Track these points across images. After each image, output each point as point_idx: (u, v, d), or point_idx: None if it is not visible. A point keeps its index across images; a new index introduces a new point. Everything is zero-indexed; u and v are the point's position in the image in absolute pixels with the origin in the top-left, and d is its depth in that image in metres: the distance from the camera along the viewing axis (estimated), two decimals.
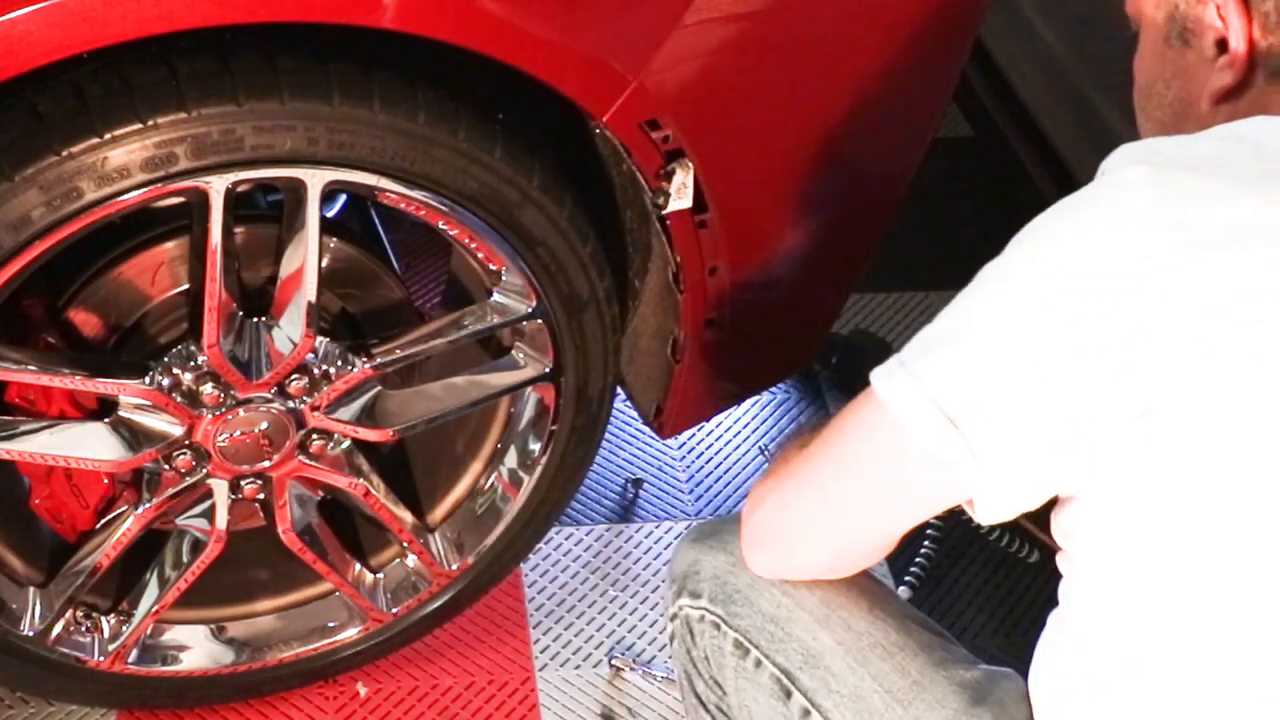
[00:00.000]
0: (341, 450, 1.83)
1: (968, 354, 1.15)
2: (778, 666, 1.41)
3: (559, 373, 1.83)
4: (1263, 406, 1.09)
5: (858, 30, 1.69)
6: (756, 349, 1.94)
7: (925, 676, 1.37)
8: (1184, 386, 1.08)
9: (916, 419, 1.16)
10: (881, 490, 1.25)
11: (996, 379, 1.13)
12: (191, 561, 1.83)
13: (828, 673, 1.38)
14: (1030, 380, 1.12)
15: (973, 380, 1.14)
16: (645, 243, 1.82)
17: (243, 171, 1.52)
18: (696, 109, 1.62)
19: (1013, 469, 1.15)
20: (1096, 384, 1.10)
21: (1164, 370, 1.08)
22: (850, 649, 1.38)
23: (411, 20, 1.44)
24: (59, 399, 1.71)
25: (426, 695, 2.10)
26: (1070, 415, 1.11)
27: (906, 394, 1.17)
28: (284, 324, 1.67)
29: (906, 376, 1.17)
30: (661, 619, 2.23)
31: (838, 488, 1.28)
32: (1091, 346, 1.09)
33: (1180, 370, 1.08)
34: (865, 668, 1.38)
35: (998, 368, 1.13)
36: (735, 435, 2.54)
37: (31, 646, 1.80)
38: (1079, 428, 1.11)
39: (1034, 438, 1.13)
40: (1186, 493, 1.11)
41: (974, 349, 1.14)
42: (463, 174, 1.60)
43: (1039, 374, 1.11)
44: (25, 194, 1.46)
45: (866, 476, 1.25)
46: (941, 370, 1.15)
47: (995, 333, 1.13)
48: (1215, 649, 1.16)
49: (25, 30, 1.34)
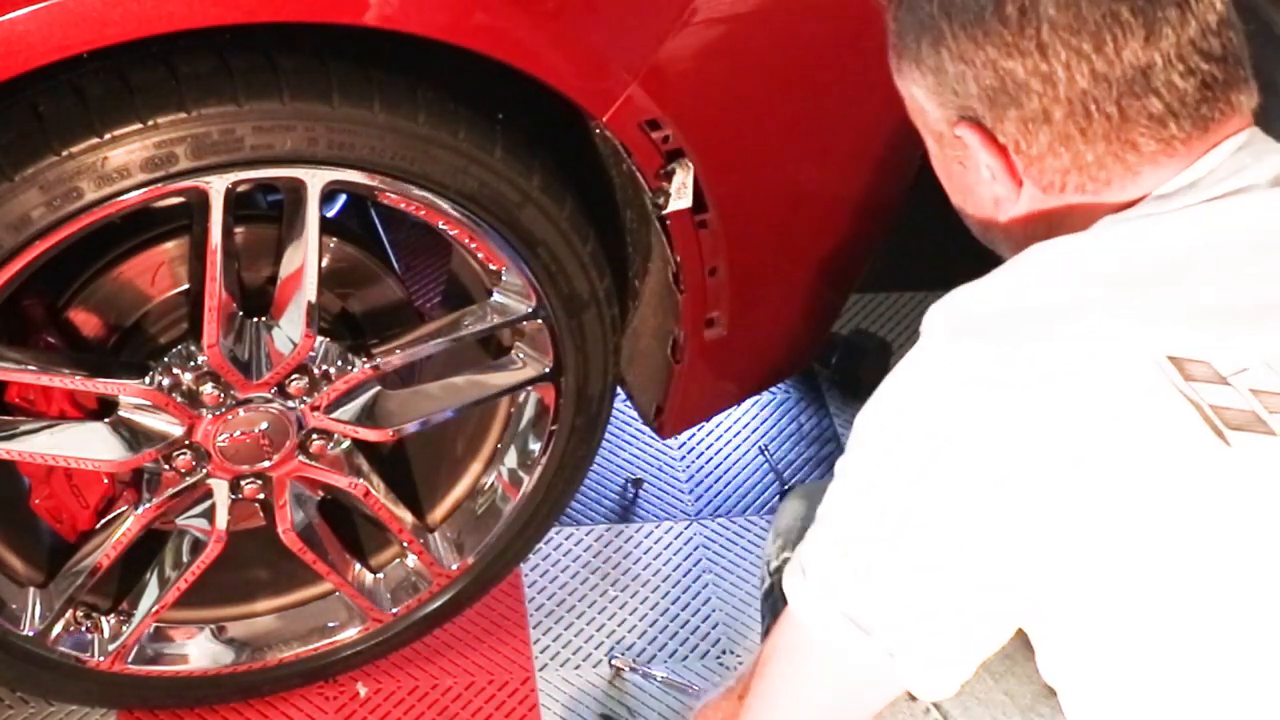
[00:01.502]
0: (341, 450, 1.83)
1: (856, 558, 1.18)
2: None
3: (559, 373, 1.83)
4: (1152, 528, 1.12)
5: (858, 30, 1.69)
6: (756, 349, 1.94)
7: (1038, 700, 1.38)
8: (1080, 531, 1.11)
9: (833, 633, 1.19)
10: (827, 698, 1.27)
11: (886, 576, 1.17)
12: (191, 561, 1.83)
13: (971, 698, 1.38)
14: (914, 568, 1.15)
15: (870, 583, 1.17)
16: (645, 243, 1.82)
17: (243, 171, 1.52)
18: (696, 109, 1.62)
19: (930, 656, 1.19)
20: (993, 557, 1.13)
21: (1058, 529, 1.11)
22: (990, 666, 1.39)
23: (395, 18, 1.44)
24: (59, 399, 1.71)
25: (426, 695, 2.10)
26: (957, 585, 1.15)
27: (819, 610, 1.20)
28: (284, 324, 1.67)
29: (812, 590, 1.20)
30: (662, 619, 2.24)
31: (787, 706, 1.30)
32: (976, 522, 1.12)
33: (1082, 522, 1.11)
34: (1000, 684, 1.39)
35: (886, 566, 1.16)
36: (735, 435, 2.54)
37: (31, 646, 1.80)
38: (969, 594, 1.15)
39: (936, 622, 1.17)
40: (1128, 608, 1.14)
41: (860, 551, 1.17)
42: (463, 174, 1.61)
43: (920, 561, 1.15)
44: (25, 194, 1.46)
45: (810, 692, 1.28)
46: (839, 578, 1.19)
47: (869, 529, 1.17)
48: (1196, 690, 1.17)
49: (25, 30, 1.34)
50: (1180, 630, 1.13)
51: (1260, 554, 1.10)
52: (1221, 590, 1.11)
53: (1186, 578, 1.11)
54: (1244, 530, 1.10)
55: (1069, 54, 1.16)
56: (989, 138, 1.22)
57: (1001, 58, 1.18)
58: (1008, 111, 1.19)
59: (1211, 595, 1.11)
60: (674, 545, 2.35)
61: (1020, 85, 1.18)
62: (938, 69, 1.23)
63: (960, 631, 1.18)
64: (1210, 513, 1.10)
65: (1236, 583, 1.11)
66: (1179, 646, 1.14)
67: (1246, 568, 1.10)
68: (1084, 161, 1.19)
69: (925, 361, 1.15)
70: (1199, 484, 1.09)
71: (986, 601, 1.16)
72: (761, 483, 2.47)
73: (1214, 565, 1.10)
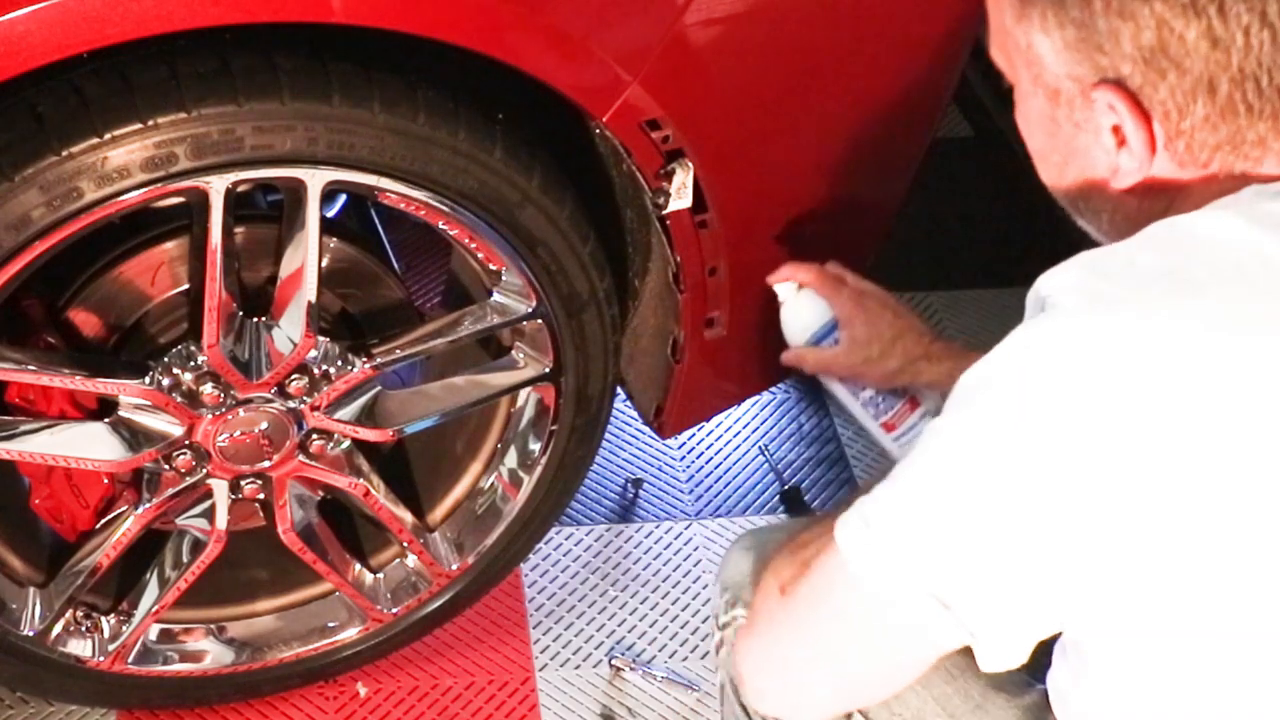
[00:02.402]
0: (341, 450, 1.83)
1: (945, 529, 1.07)
2: None
3: (559, 373, 1.82)
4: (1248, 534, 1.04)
5: (858, 30, 1.69)
6: (756, 349, 1.94)
7: (987, 699, 1.35)
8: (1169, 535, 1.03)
9: (905, 602, 1.09)
10: (874, 654, 1.16)
11: (983, 558, 1.07)
12: (191, 561, 1.83)
13: (892, 695, 1.33)
14: (1015, 554, 1.06)
15: (961, 562, 1.07)
16: (645, 243, 1.82)
17: (243, 171, 1.52)
18: (696, 109, 1.62)
19: (1014, 633, 1.10)
20: (1076, 546, 1.04)
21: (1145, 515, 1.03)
22: None
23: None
24: (59, 399, 1.71)
25: (426, 695, 2.10)
26: (1060, 577, 1.06)
27: (890, 575, 1.10)
28: (284, 324, 1.66)
29: (884, 553, 1.10)
30: (662, 619, 2.24)
31: (827, 652, 1.19)
32: (1068, 506, 1.03)
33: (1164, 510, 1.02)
34: (928, 690, 1.34)
35: (982, 546, 1.06)
36: (735, 435, 2.54)
37: (31, 646, 1.80)
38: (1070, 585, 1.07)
39: (1030, 605, 1.08)
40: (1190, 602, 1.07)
41: (950, 523, 1.07)
42: (463, 174, 1.60)
43: (1023, 548, 1.05)
44: (25, 194, 1.46)
45: (857, 643, 1.16)
46: (921, 547, 1.08)
47: (965, 502, 1.06)
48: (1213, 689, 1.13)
49: (25, 30, 1.34)
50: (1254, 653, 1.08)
51: None
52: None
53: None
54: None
55: (1251, 19, 1.05)
56: (1133, 102, 1.10)
57: (1172, 16, 1.06)
58: (1165, 77, 1.08)
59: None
60: (674, 545, 2.35)
61: (1188, 49, 1.06)
62: (1083, 22, 1.10)
63: (1046, 613, 1.10)
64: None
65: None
66: (1244, 671, 1.09)
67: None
68: (1243, 139, 1.09)
69: (1057, 331, 1.04)
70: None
71: (1085, 584, 1.07)
72: (761, 483, 2.47)
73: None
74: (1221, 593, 1.06)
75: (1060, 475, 1.03)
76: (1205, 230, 1.07)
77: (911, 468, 1.10)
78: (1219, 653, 1.11)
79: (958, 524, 1.07)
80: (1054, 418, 1.02)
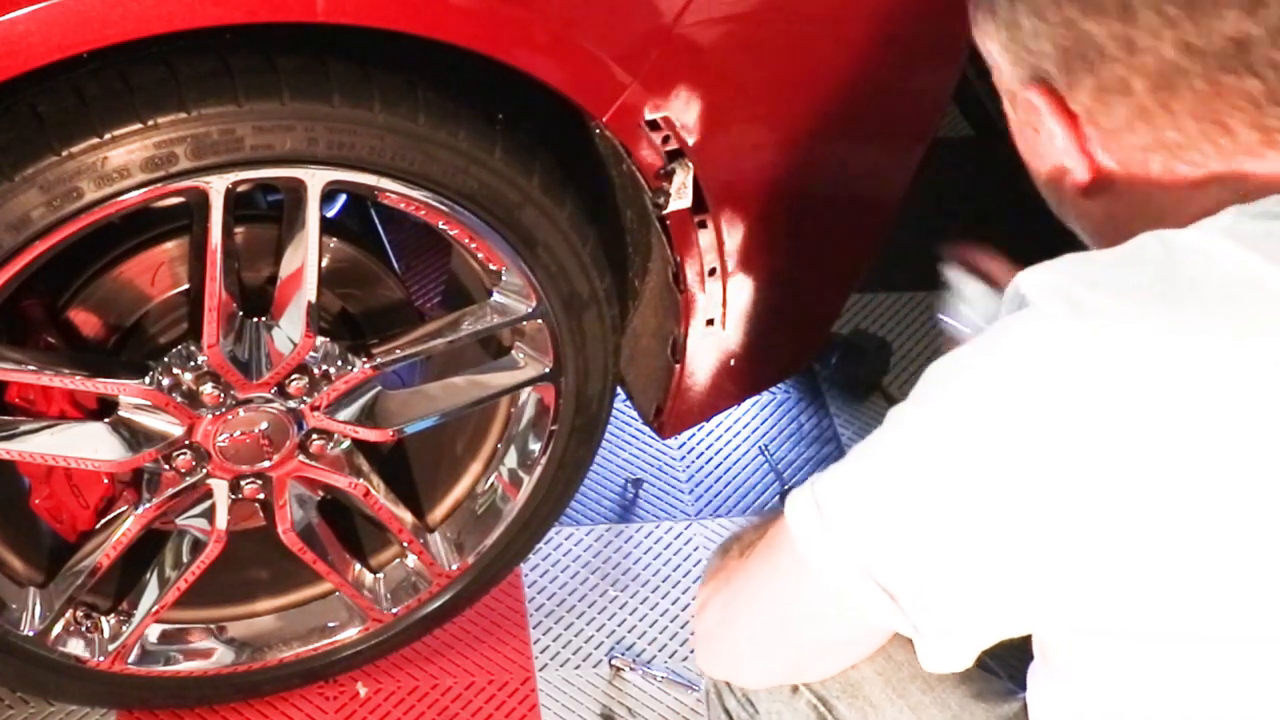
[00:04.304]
0: (341, 450, 1.83)
1: (894, 518, 1.06)
2: (815, 694, 1.36)
3: (559, 373, 1.82)
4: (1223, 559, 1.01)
5: (857, 30, 1.69)
6: (756, 349, 1.94)
7: (965, 709, 1.34)
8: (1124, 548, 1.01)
9: (848, 584, 1.08)
10: (816, 623, 1.16)
11: (928, 548, 1.05)
12: (191, 561, 1.83)
13: (867, 703, 1.35)
14: (963, 549, 1.04)
15: (907, 554, 1.06)
16: (645, 243, 1.82)
17: (243, 171, 1.52)
18: (696, 109, 1.62)
19: (958, 632, 1.09)
20: (1029, 546, 1.02)
21: (1100, 525, 1.00)
22: (890, 679, 1.35)
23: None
24: (59, 399, 1.71)
25: (426, 695, 2.10)
26: (1008, 578, 1.04)
27: (834, 558, 1.09)
28: (284, 324, 1.66)
29: (830, 537, 1.09)
30: (662, 619, 2.24)
31: (770, 616, 1.19)
32: (1023, 506, 1.01)
33: (1124, 521, 1.00)
34: (905, 699, 1.34)
35: (928, 535, 1.05)
36: (735, 435, 2.54)
37: (32, 646, 1.80)
38: (1021, 587, 1.05)
39: (974, 605, 1.06)
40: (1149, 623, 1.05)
41: (900, 512, 1.06)
42: (463, 174, 1.60)
43: (971, 541, 1.03)
44: (25, 194, 1.46)
45: (798, 612, 1.16)
46: (868, 536, 1.07)
47: (920, 493, 1.05)
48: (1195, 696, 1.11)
49: (25, 30, 1.34)
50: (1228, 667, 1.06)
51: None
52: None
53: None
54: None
55: (1156, 19, 1.04)
56: (1059, 104, 1.10)
57: (1080, 17, 1.07)
58: (1083, 78, 1.08)
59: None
60: (674, 545, 2.35)
61: (1098, 50, 1.07)
62: (1011, 23, 1.12)
63: (994, 616, 1.08)
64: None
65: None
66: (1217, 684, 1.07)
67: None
68: (1167, 140, 1.07)
69: (1031, 332, 1.02)
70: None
71: (1039, 592, 1.05)
72: (761, 483, 2.47)
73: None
74: (1178, 604, 1.03)
75: (1019, 476, 1.01)
76: (1190, 244, 1.04)
77: (869, 452, 1.08)
78: (1181, 663, 1.08)
79: (908, 514, 1.05)
80: (1019, 417, 1.00)
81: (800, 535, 1.11)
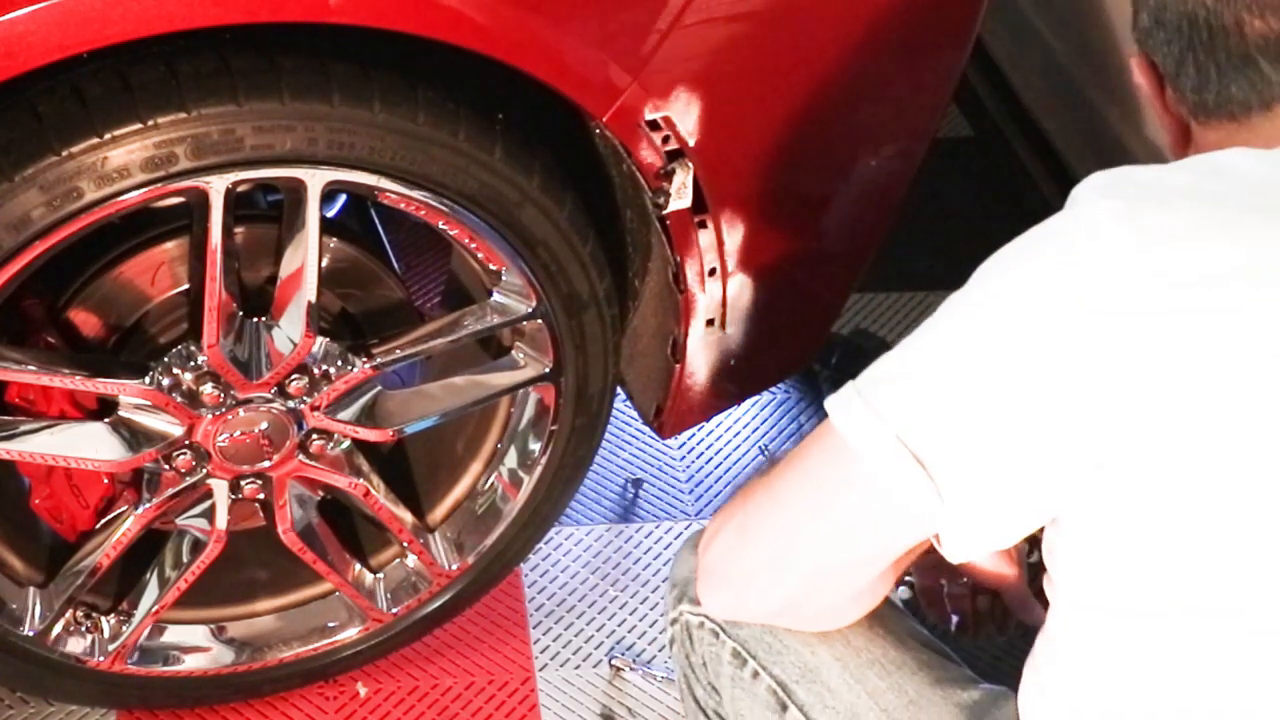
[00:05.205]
0: (341, 450, 1.83)
1: (934, 390, 1.11)
2: (774, 678, 1.39)
3: (559, 373, 1.83)
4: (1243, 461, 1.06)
5: (858, 30, 1.69)
6: (756, 349, 1.94)
7: (923, 696, 1.35)
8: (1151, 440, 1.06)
9: (881, 456, 1.13)
10: (842, 523, 1.20)
11: (963, 418, 1.10)
12: (191, 561, 1.83)
13: (824, 688, 1.37)
14: (997, 422, 1.09)
15: (939, 418, 1.11)
16: (645, 243, 1.82)
17: (243, 171, 1.52)
18: (696, 109, 1.62)
19: (980, 509, 1.13)
20: (1059, 429, 1.08)
21: (1125, 424, 1.06)
22: (848, 665, 1.37)
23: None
24: (59, 399, 1.71)
25: (426, 695, 2.10)
26: (1035, 458, 1.09)
27: (869, 430, 1.13)
28: (284, 324, 1.67)
29: (867, 410, 1.14)
30: (662, 619, 2.23)
31: (795, 519, 1.23)
32: (1057, 390, 1.07)
33: (1145, 426, 1.05)
34: (862, 684, 1.36)
35: (965, 407, 1.10)
36: (735, 435, 2.54)
37: (32, 646, 1.80)
38: (1043, 470, 1.10)
39: (1001, 479, 1.11)
40: (1151, 532, 1.10)
41: (941, 385, 1.11)
42: (463, 174, 1.60)
43: (1005, 416, 1.09)
44: (25, 194, 1.46)
45: (825, 510, 1.20)
46: (905, 406, 1.12)
47: (961, 370, 1.10)
48: (1197, 672, 1.14)
49: (25, 30, 1.34)
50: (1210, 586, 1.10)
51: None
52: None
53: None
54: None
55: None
56: (1149, 66, 1.22)
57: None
58: (1158, 33, 1.20)
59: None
60: (674, 545, 2.35)
61: (1168, 11, 1.18)
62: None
63: (1004, 490, 1.12)
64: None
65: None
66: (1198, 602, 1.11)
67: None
68: (1209, 79, 1.17)
69: (1074, 218, 1.09)
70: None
71: (1034, 475, 1.10)
72: None
73: None
74: (1185, 549, 1.08)
75: (1060, 353, 1.06)
76: (1228, 160, 1.12)
77: (913, 337, 1.14)
78: (1185, 645, 1.12)
79: (947, 385, 1.11)
80: (1062, 298, 1.06)
81: (837, 415, 1.16)
